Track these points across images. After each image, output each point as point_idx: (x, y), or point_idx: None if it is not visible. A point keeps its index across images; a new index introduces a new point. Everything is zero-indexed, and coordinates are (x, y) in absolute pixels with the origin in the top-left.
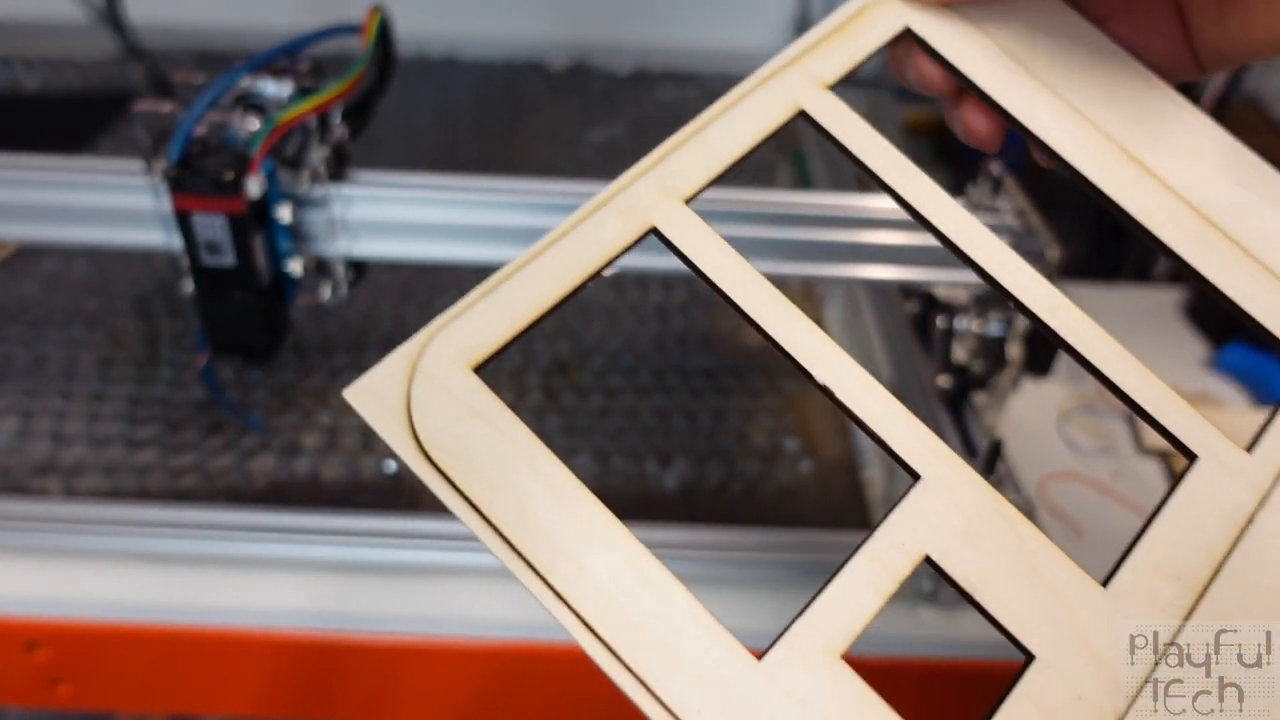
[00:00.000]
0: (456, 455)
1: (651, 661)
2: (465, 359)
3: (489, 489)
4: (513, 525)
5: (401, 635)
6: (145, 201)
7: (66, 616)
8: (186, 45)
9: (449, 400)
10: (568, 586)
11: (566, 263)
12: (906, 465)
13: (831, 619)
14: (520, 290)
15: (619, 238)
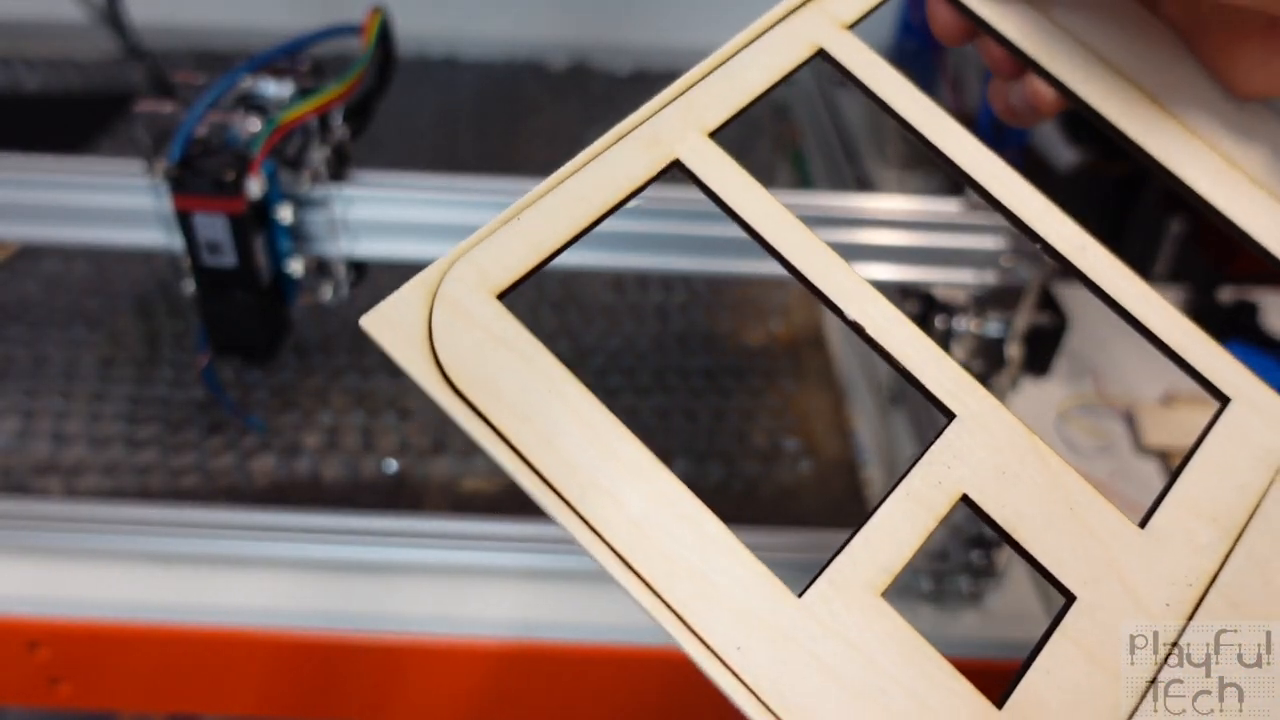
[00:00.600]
0: (482, 384)
1: (688, 596)
2: (488, 285)
3: (516, 418)
4: (542, 456)
5: (402, 634)
6: (146, 202)
7: (67, 616)
8: (187, 45)
9: (472, 327)
10: (601, 519)
11: (589, 193)
12: (940, 403)
13: (870, 556)
14: (542, 218)
15: (641, 170)
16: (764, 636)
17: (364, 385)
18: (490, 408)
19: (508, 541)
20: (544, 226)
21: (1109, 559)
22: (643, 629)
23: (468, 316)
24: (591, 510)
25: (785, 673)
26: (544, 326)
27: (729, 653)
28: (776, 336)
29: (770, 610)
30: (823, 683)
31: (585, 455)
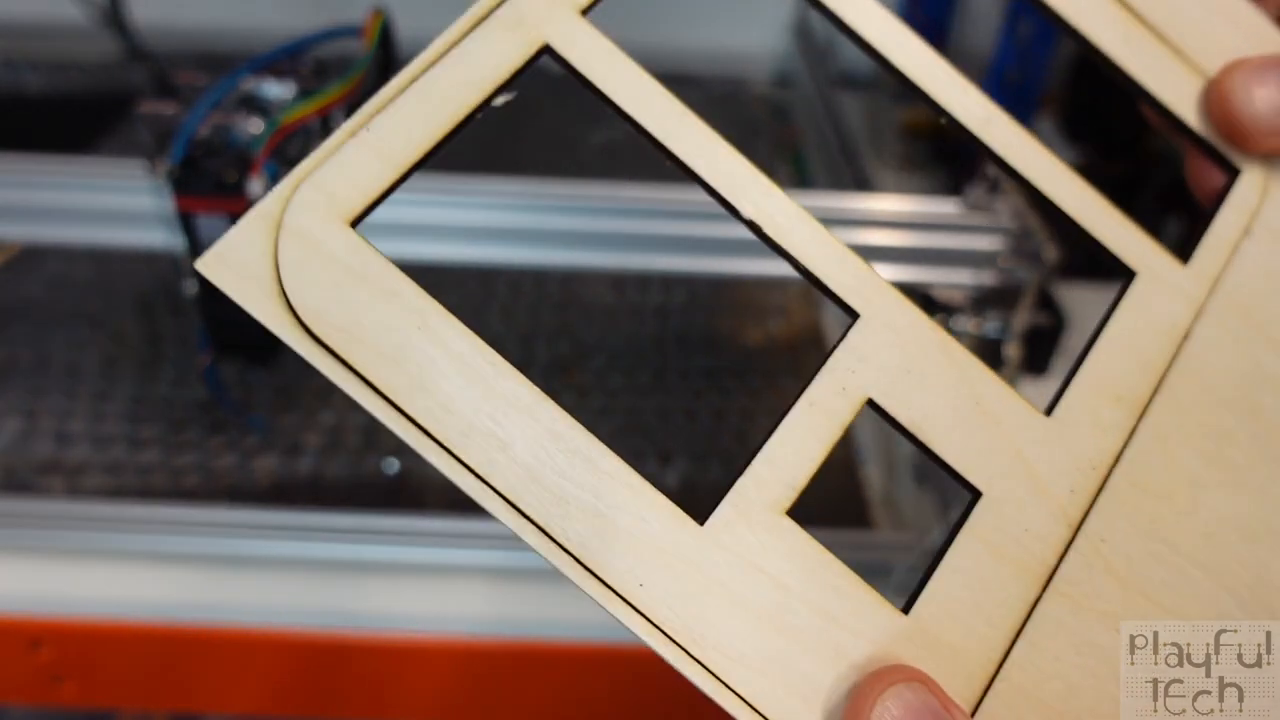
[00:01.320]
0: (339, 325)
1: (584, 536)
2: (338, 212)
3: (382, 361)
4: (414, 400)
5: (403, 633)
6: (148, 202)
7: (70, 615)
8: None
9: (326, 261)
10: (486, 463)
11: (448, 90)
12: (843, 303)
13: (773, 474)
14: (395, 126)
15: (507, 58)
16: (667, 570)
17: None
18: (353, 352)
19: (508, 541)
20: (398, 135)
21: (1015, 450)
22: None
23: (318, 250)
24: (475, 456)
25: (691, 604)
26: (544, 327)
27: (631, 590)
28: (776, 336)
29: (672, 542)
30: (730, 609)
31: (463, 396)
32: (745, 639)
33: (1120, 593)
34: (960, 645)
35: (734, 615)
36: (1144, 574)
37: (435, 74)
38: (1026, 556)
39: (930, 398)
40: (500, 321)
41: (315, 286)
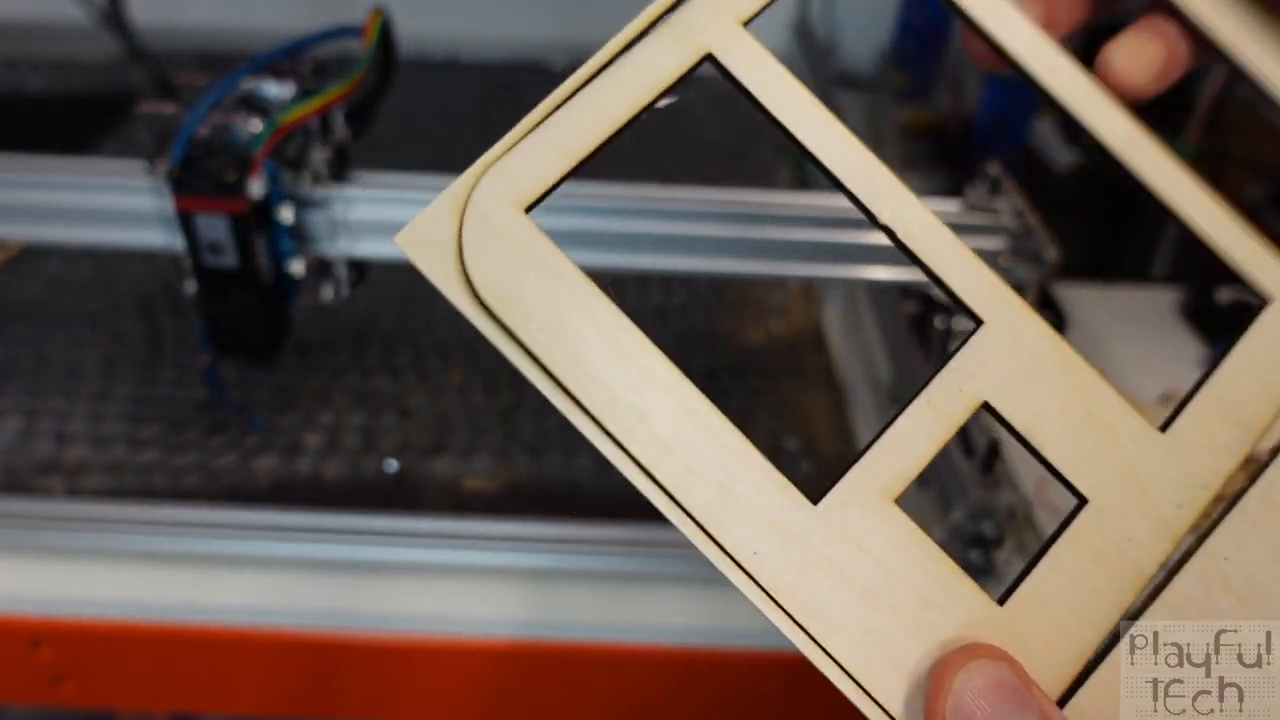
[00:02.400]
0: (511, 300)
1: (708, 504)
2: (516, 198)
3: (545, 334)
4: (569, 371)
5: (403, 634)
6: (148, 202)
7: (70, 615)
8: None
9: (502, 243)
10: (626, 433)
11: (616, 94)
12: (969, 309)
13: (886, 464)
14: (570, 122)
15: (672, 65)
16: (780, 542)
17: (365, 385)
18: (519, 323)
19: (508, 541)
20: (572, 131)
21: (1125, 461)
22: (642, 629)
23: (497, 232)
24: (617, 425)
25: (799, 575)
26: None
27: (746, 557)
28: (776, 336)
29: (787, 517)
30: (835, 585)
31: (612, 371)
32: (846, 611)
33: (1239, 610)
34: (1051, 640)
35: (838, 589)
36: (1267, 594)
37: (607, 77)
38: (1126, 565)
39: (1044, 405)
40: None
41: (491, 263)
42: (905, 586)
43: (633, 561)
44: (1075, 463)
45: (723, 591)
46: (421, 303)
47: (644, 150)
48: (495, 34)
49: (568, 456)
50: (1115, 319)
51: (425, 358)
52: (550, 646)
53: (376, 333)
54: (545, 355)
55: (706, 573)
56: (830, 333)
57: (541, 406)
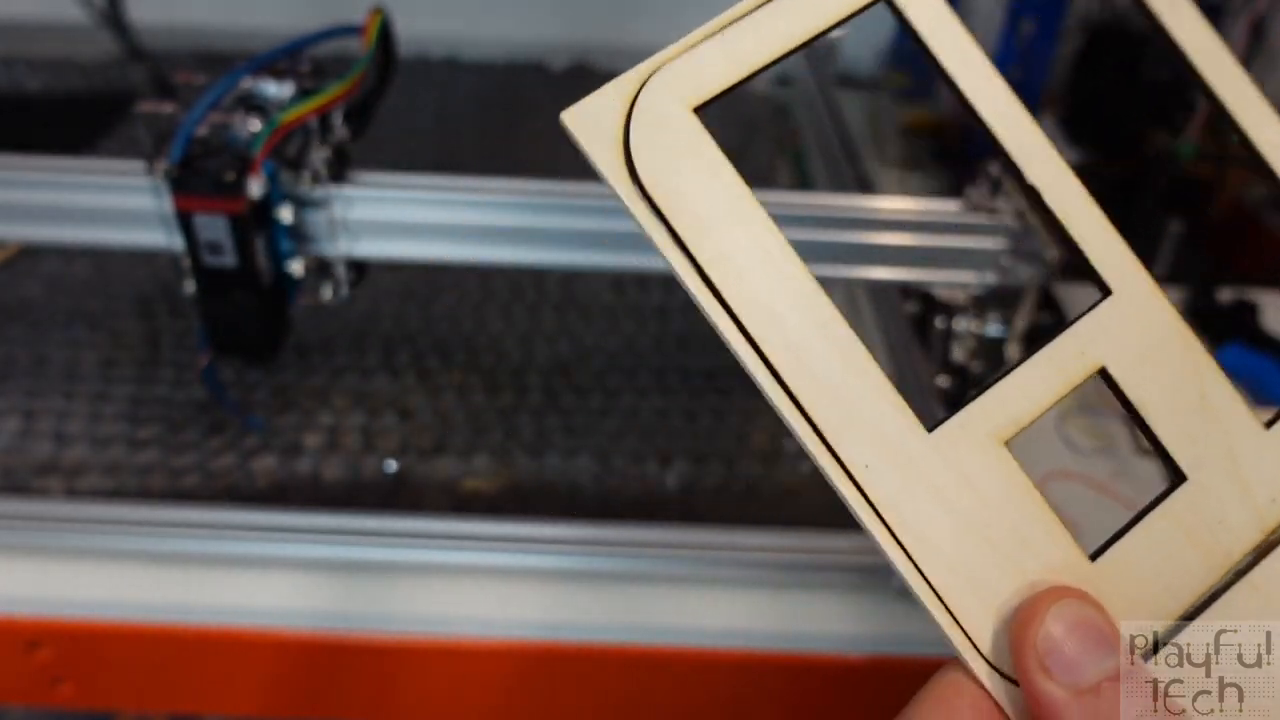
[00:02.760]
0: (668, 188)
1: (829, 413)
2: (687, 97)
3: (695, 225)
4: (713, 265)
5: (402, 634)
6: (147, 202)
7: (68, 616)
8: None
9: (668, 134)
10: (761, 334)
11: (794, 18)
12: (1099, 278)
13: (1001, 407)
14: (746, 35)
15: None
16: (891, 460)
17: (364, 385)
18: (674, 213)
19: (507, 541)
20: (747, 44)
21: (1228, 448)
22: (643, 629)
23: (665, 125)
24: (755, 327)
25: (905, 497)
26: (544, 327)
27: (857, 469)
28: None
29: (901, 439)
30: (937, 509)
31: (753, 269)
32: (944, 537)
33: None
34: (1134, 602)
35: (939, 514)
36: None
37: (787, 1)
38: (1215, 545)
39: (1159, 381)
40: (500, 321)
41: (655, 152)
42: (1004, 524)
43: (633, 562)
44: (1179, 441)
45: (723, 592)
46: (421, 303)
47: None
48: (495, 34)
49: (568, 457)
50: None
51: (425, 358)
52: (550, 647)
53: (376, 333)
54: (694, 244)
55: (707, 574)
56: None
57: (539, 406)
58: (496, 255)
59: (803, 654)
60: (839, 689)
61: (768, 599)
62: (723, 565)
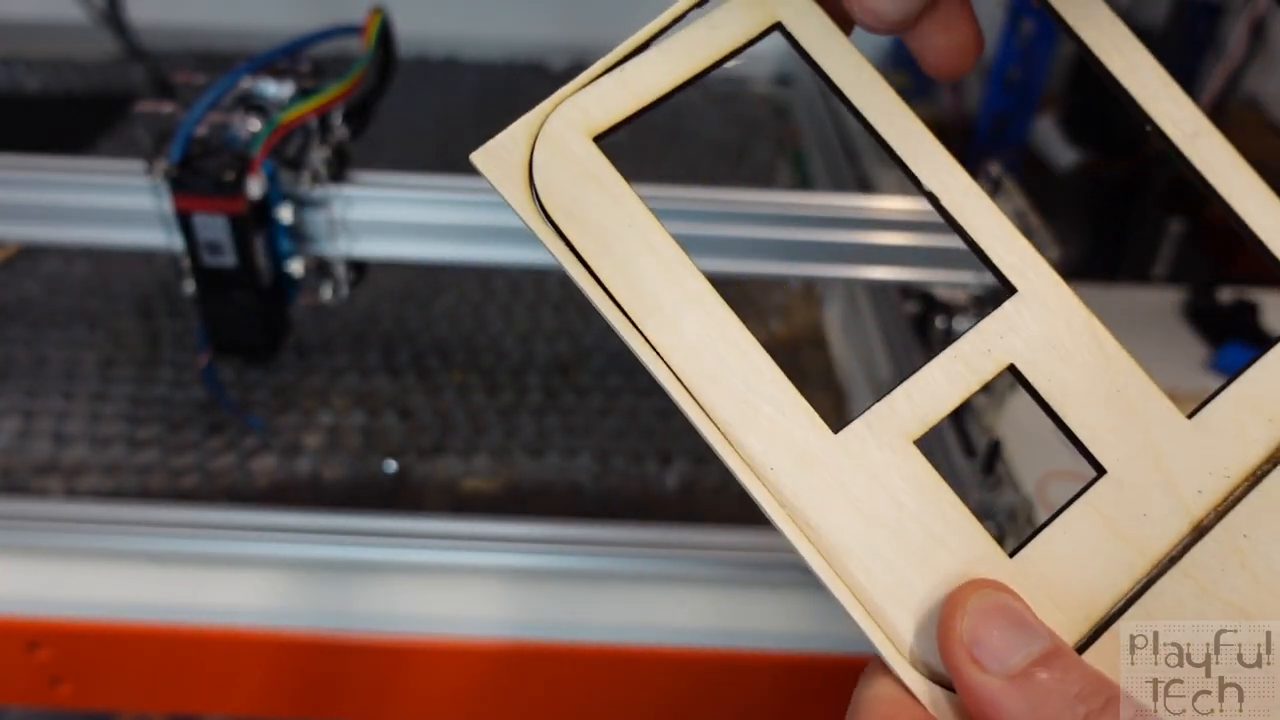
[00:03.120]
0: (571, 215)
1: (732, 415)
2: (587, 127)
3: (598, 248)
4: (616, 280)
5: (402, 635)
6: (146, 202)
7: (68, 616)
8: (187, 46)
9: (569, 163)
10: (661, 340)
11: (690, 48)
12: (1004, 278)
13: (909, 406)
14: (645, 69)
15: (744, 29)
16: (797, 462)
17: (364, 385)
18: (576, 237)
19: (507, 542)
20: (645, 77)
21: (1148, 441)
22: (642, 629)
23: (565, 154)
24: (654, 332)
25: (813, 497)
26: (543, 327)
27: (764, 470)
28: (777, 336)
29: (806, 440)
30: (846, 509)
31: (654, 284)
32: (856, 537)
33: (1252, 590)
34: (1057, 598)
35: (850, 515)
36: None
37: (683, 32)
38: (1140, 538)
39: (1071, 376)
40: (500, 321)
41: (557, 182)
42: (918, 524)
43: (633, 562)
44: (1096, 435)
45: (723, 593)
46: (421, 302)
47: (644, 150)
48: (494, 34)
49: (568, 457)
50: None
51: (425, 358)
52: (550, 647)
53: (376, 333)
54: (596, 265)
55: (707, 574)
56: (830, 333)
57: (539, 406)
58: (496, 255)
59: (803, 654)
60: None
61: (768, 598)
62: (722, 565)
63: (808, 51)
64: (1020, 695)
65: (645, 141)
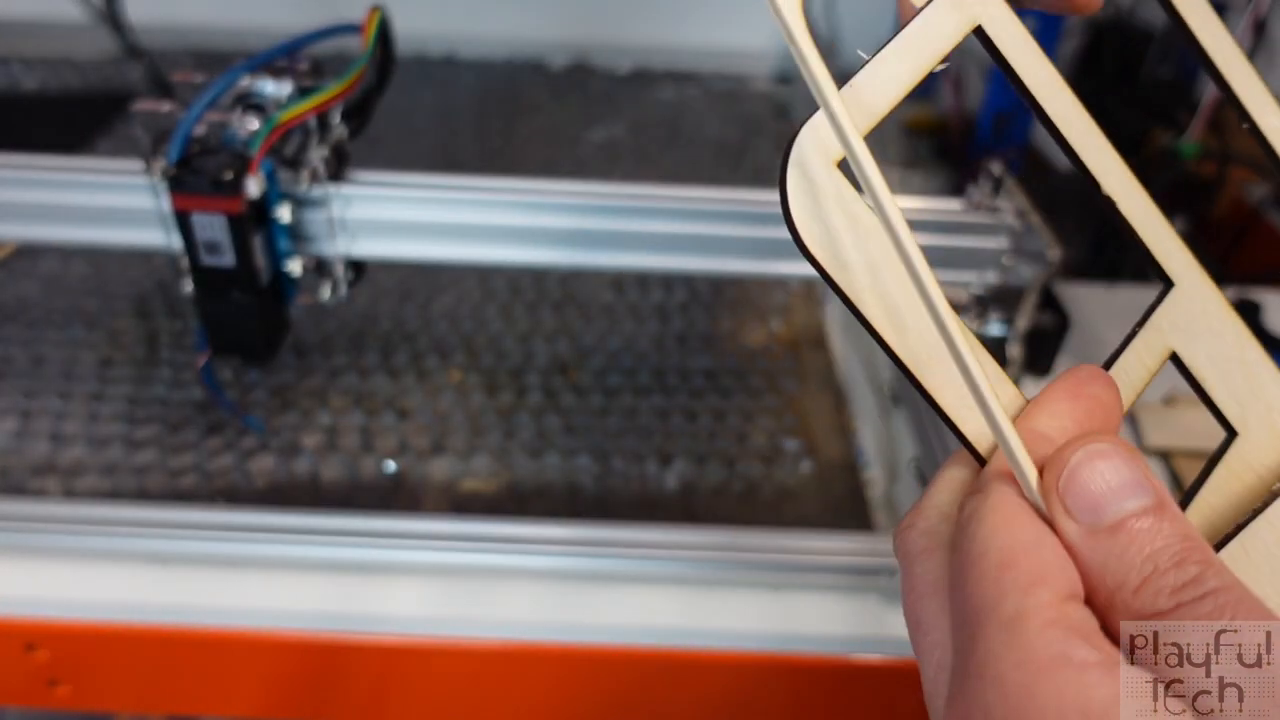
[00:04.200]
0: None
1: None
2: (829, 154)
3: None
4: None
5: (401, 636)
6: (144, 201)
7: (65, 617)
8: (186, 45)
9: (813, 185)
10: (885, 323)
11: (907, 54)
12: (1164, 273)
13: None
14: (873, 83)
15: (950, 33)
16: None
17: (363, 385)
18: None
19: (507, 542)
20: (874, 92)
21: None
22: (642, 630)
23: (812, 178)
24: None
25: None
26: (543, 326)
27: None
28: (777, 337)
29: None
30: None
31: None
32: None
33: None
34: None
35: None
36: None
37: (900, 41)
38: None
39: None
40: (499, 321)
41: (805, 202)
42: None
43: (633, 562)
44: (1231, 405)
45: (722, 592)
46: (420, 302)
47: (644, 150)
48: (493, 32)
49: (568, 457)
50: (1118, 318)
51: (423, 358)
52: (549, 648)
53: (374, 332)
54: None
55: (707, 574)
56: (831, 333)
57: (539, 406)
58: (495, 255)
59: (802, 655)
60: (838, 690)
61: (767, 599)
62: (722, 565)
63: (1003, 55)
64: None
65: (645, 142)
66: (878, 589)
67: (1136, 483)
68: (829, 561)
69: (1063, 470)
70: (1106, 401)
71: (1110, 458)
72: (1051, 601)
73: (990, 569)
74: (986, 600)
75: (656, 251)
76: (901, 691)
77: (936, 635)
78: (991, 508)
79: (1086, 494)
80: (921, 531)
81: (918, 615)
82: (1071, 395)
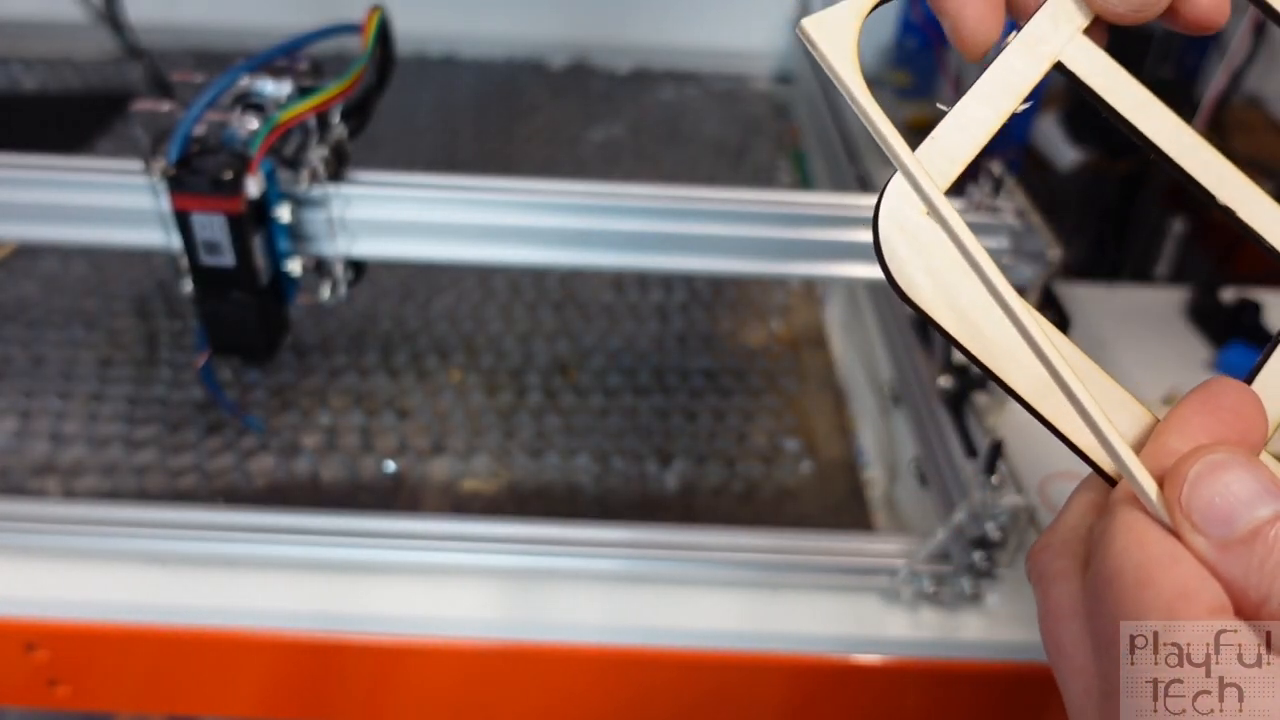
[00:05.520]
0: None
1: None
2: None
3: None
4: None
5: (400, 636)
6: (144, 201)
7: (65, 617)
8: (185, 45)
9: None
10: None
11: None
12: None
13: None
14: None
15: (1029, 74)
16: None
17: (362, 385)
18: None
19: (506, 542)
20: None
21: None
22: (641, 630)
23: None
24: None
25: None
26: (543, 326)
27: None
28: (777, 337)
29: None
30: None
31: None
32: None
33: None
34: None
35: None
36: None
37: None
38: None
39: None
40: (499, 321)
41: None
42: None
43: (633, 562)
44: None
45: (722, 594)
46: (420, 302)
47: (644, 150)
48: (493, 32)
49: (567, 457)
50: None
51: (423, 358)
52: (549, 648)
53: (374, 332)
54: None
55: (707, 574)
56: (831, 333)
57: (539, 406)
58: (495, 255)
59: (802, 655)
60: (837, 691)
61: (768, 598)
62: (722, 565)
63: (1089, 85)
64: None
65: (645, 142)
66: (877, 589)
67: (1264, 490)
68: (829, 562)
69: (1182, 485)
70: (1245, 414)
71: (1232, 468)
72: (1198, 616)
73: (1128, 588)
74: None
75: (656, 251)
76: (901, 692)
77: (1080, 660)
78: (1121, 528)
79: (1213, 507)
80: (1056, 553)
81: (1057, 638)
82: (1204, 410)
